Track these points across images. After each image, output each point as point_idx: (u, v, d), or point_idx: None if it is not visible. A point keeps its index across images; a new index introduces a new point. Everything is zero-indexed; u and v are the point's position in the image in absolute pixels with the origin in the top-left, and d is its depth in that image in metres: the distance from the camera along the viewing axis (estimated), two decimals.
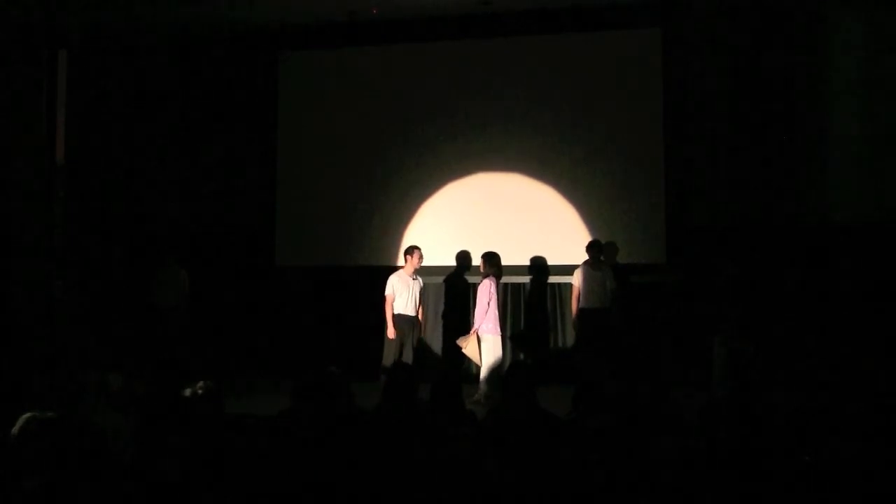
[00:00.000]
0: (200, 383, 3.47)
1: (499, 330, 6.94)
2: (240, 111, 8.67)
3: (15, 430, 2.66)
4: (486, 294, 6.86)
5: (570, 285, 7.47)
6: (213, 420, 3.40)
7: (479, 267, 7.16)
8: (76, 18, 7.86)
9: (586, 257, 7.30)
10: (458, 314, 7.83)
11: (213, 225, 8.62)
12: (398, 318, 6.85)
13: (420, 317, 7.15)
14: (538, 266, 7.94)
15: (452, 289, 7.99)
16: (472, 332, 6.94)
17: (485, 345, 6.86)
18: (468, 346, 6.95)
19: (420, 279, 7.09)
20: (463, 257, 7.95)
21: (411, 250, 7.05)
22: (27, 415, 2.71)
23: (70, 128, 8.23)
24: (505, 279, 7.73)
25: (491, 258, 7.00)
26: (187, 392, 3.43)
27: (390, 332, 6.80)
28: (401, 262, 8.03)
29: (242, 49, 8.67)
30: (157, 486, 2.82)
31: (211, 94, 8.70)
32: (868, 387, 5.81)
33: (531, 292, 8.01)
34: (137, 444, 3.36)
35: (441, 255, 7.90)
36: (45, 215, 8.01)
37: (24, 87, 7.92)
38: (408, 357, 6.86)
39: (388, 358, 6.72)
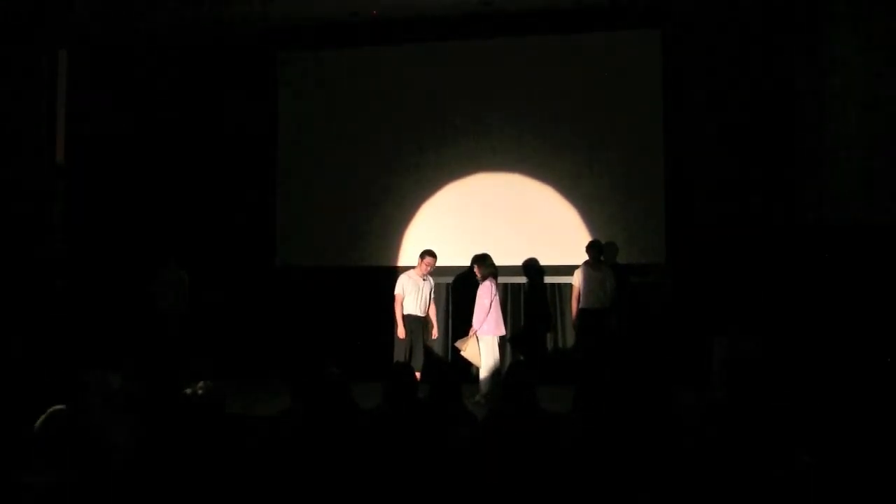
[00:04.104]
0: (200, 383, 3.47)
1: (500, 330, 6.94)
2: (240, 111, 8.67)
3: (39, 423, 2.68)
4: (488, 295, 6.86)
5: (570, 285, 7.48)
6: (213, 420, 3.39)
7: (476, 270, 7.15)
8: (76, 18, 7.86)
9: (586, 257, 7.30)
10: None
11: (213, 225, 8.61)
12: (407, 319, 6.85)
13: (433, 318, 7.14)
14: (532, 267, 7.94)
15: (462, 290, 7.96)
16: (470, 333, 6.94)
17: (483, 346, 6.86)
18: (467, 349, 6.95)
19: (431, 280, 7.09)
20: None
21: (423, 255, 7.02)
22: (53, 408, 2.73)
23: (70, 128, 8.23)
24: (505, 280, 7.74)
25: (484, 260, 7.01)
26: (187, 392, 3.43)
27: (400, 333, 6.78)
28: (402, 262, 8.08)
29: (242, 49, 8.66)
30: (157, 485, 2.82)
31: (211, 94, 8.70)
32: (868, 387, 5.80)
33: (530, 293, 8.01)
34: (137, 444, 3.36)
35: (441, 256, 7.88)
36: (45, 215, 8.01)
37: (24, 87, 7.91)
38: (418, 358, 6.84)
39: (398, 358, 6.71)
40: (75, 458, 2.66)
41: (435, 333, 7.24)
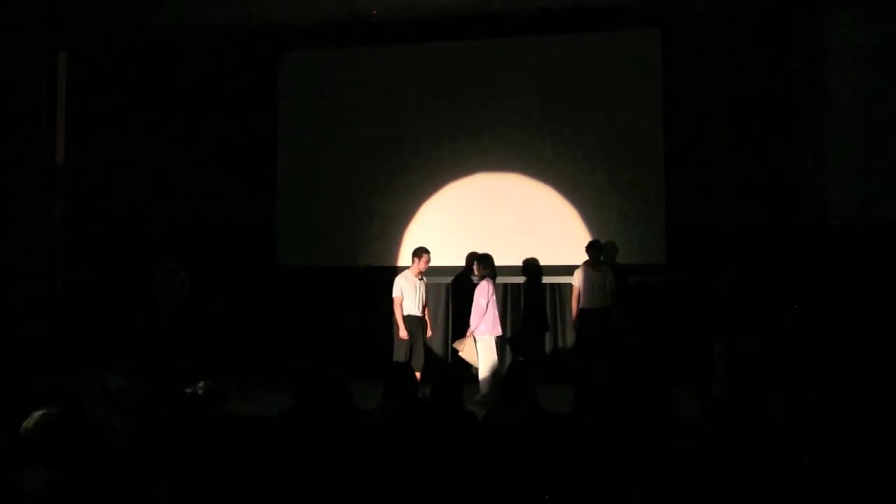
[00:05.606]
0: (200, 383, 3.48)
1: (497, 330, 6.94)
2: (240, 111, 8.66)
3: (28, 424, 2.67)
4: (485, 296, 6.86)
5: (569, 285, 7.47)
6: (213, 420, 3.40)
7: (473, 270, 7.15)
8: (76, 18, 7.86)
9: (586, 257, 7.30)
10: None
11: (213, 225, 8.61)
12: (407, 319, 6.85)
13: (427, 316, 7.14)
14: (531, 267, 7.94)
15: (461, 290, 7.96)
16: (468, 334, 6.94)
17: (481, 346, 6.86)
18: (465, 349, 6.95)
19: (424, 279, 7.09)
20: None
21: (419, 253, 7.02)
22: (41, 411, 2.72)
23: (70, 128, 8.23)
24: (505, 280, 7.73)
25: (485, 260, 7.02)
26: (187, 392, 3.43)
27: (402, 334, 6.78)
28: (402, 262, 8.06)
29: (242, 49, 8.66)
30: (157, 485, 2.82)
31: (211, 94, 8.69)
32: (867, 387, 5.81)
33: (529, 293, 8.01)
34: (137, 444, 3.36)
35: (441, 256, 7.89)
36: (45, 215, 8.01)
37: (24, 87, 7.91)
38: (418, 357, 6.84)
39: (399, 358, 6.72)
40: (73, 457, 2.65)
41: (430, 331, 7.23)
